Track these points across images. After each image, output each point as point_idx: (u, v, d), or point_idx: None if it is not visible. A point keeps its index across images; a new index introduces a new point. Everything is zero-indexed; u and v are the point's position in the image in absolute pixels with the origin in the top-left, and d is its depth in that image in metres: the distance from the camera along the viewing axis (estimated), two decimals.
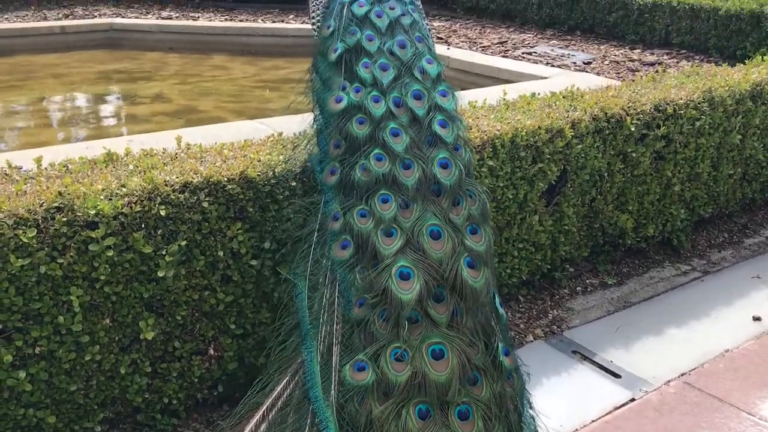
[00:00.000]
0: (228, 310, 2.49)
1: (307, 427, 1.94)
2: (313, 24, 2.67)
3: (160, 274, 2.25)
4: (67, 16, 9.71)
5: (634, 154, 3.46)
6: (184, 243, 2.29)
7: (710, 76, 3.98)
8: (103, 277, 2.17)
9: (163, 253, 2.25)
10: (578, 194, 3.36)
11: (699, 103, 3.63)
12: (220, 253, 2.39)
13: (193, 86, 7.35)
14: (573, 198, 3.34)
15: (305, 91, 2.55)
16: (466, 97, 5.17)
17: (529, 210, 3.20)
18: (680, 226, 3.90)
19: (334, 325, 2.04)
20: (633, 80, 4.05)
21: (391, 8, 2.50)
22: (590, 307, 3.41)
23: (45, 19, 9.47)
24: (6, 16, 9.44)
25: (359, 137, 2.23)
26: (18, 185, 2.18)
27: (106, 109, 6.76)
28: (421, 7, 2.68)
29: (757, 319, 3.35)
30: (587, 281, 3.61)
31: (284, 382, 2.09)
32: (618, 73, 6.51)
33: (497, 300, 2.16)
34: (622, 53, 7.40)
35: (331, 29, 2.47)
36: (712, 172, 3.90)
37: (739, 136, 3.90)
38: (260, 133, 4.07)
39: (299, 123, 4.13)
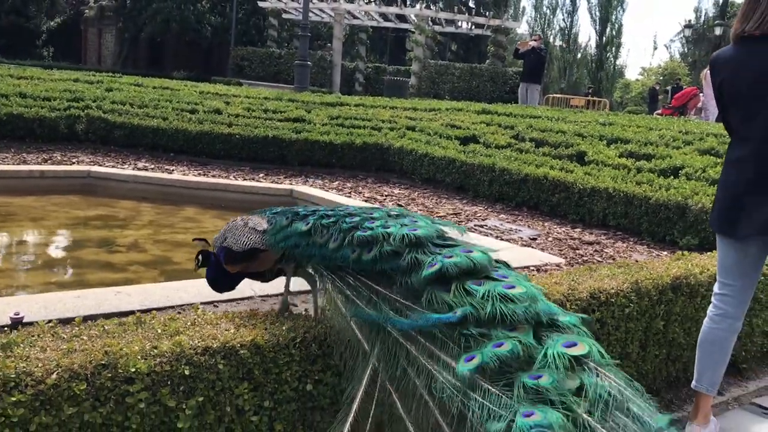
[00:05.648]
0: None
1: None
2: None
3: (180, 425, 2.64)
4: (45, 161, 10.25)
5: None
6: (201, 399, 2.70)
7: (638, 269, 4.65)
8: (133, 426, 2.54)
9: (183, 406, 2.65)
10: None
11: (628, 293, 4.27)
12: (228, 409, 2.79)
13: (166, 237, 7.81)
14: None
15: None
16: None
17: None
18: None
19: None
20: (572, 269, 4.68)
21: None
22: None
23: (25, 162, 9.98)
24: None
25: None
26: (70, 344, 2.59)
27: (85, 256, 7.12)
28: None
29: None
30: None
31: None
32: (560, 250, 7.19)
33: None
34: (564, 231, 8.14)
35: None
36: (641, 352, 4.48)
37: (663, 322, 4.53)
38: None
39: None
